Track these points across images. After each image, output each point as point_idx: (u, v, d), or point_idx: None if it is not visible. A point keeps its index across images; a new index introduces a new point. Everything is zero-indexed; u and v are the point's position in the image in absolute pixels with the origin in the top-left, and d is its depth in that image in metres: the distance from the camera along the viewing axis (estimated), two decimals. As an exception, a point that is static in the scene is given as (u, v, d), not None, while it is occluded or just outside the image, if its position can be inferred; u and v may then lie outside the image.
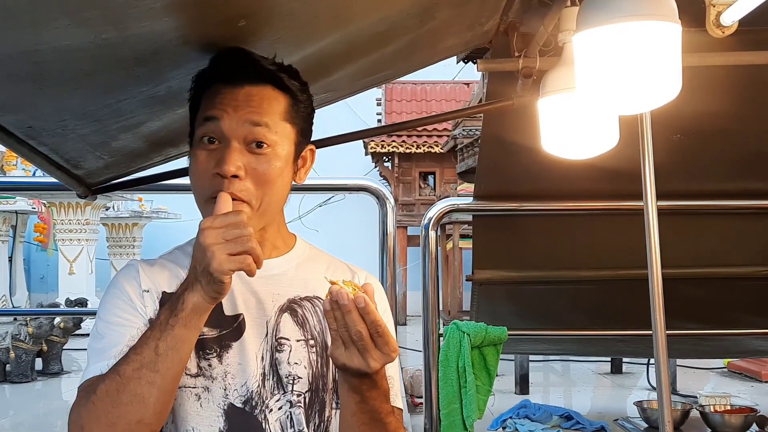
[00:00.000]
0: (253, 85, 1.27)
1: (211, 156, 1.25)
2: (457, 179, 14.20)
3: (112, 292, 1.34)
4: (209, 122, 1.25)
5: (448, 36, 1.87)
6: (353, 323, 1.11)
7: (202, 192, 1.27)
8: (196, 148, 1.28)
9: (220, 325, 1.31)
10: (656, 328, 1.98)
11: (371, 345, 1.11)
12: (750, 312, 3.40)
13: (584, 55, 1.10)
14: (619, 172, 2.70)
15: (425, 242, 2.87)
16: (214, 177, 1.24)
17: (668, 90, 1.04)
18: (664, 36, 1.03)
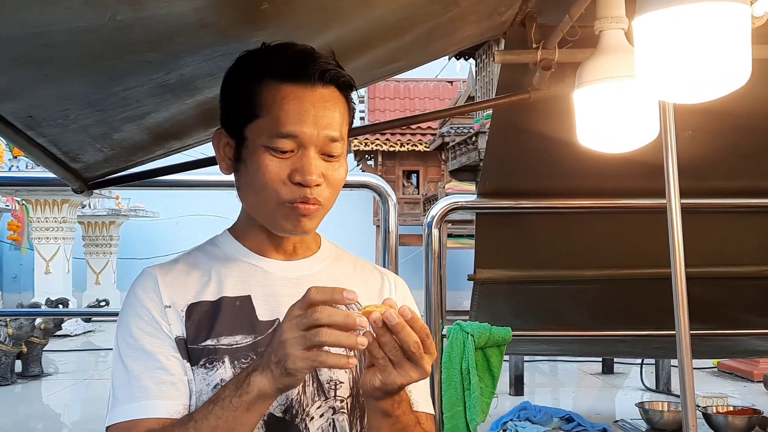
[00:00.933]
0: (324, 86, 1.22)
1: (285, 163, 1.21)
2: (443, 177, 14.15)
3: (133, 311, 1.25)
4: (288, 139, 1.20)
5: (466, 25, 1.80)
6: (408, 336, 1.06)
7: (272, 198, 1.22)
8: (264, 154, 1.21)
9: (255, 330, 1.24)
10: (680, 329, 1.92)
11: (422, 352, 1.07)
12: (752, 312, 3.36)
13: (646, 40, 1.03)
14: (629, 168, 2.65)
15: (428, 241, 2.80)
16: (288, 184, 1.21)
17: (737, 76, 0.97)
18: (732, 18, 0.96)
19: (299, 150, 1.21)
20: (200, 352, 1.21)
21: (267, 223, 1.27)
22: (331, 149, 1.22)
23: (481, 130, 7.91)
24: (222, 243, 1.33)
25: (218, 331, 1.23)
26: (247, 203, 1.29)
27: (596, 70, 1.41)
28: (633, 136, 1.48)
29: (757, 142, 2.70)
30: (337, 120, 1.22)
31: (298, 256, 1.33)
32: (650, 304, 3.31)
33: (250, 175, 1.24)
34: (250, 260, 1.30)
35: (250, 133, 1.23)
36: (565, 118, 2.40)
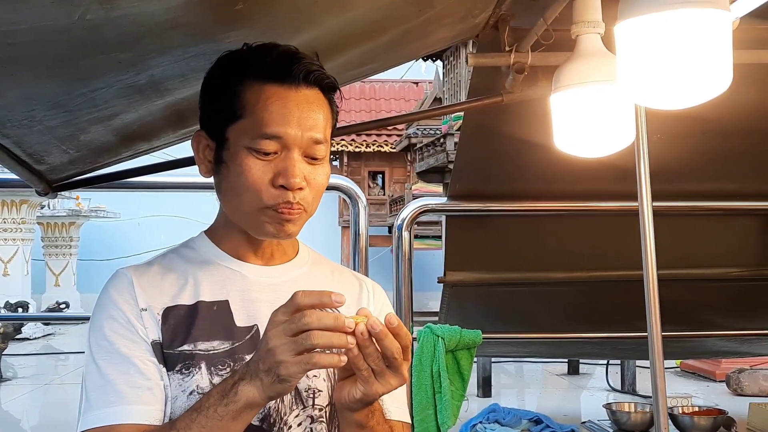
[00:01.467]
0: (308, 87, 1.20)
1: (268, 166, 1.18)
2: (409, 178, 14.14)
3: (107, 313, 1.20)
4: (272, 140, 1.17)
5: (440, 28, 1.79)
6: (392, 344, 1.05)
7: (254, 201, 1.19)
8: (246, 156, 1.18)
9: (232, 337, 1.21)
10: (652, 331, 1.93)
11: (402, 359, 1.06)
12: (717, 313, 3.41)
13: (627, 45, 1.02)
14: (598, 172, 2.66)
15: (399, 243, 2.78)
16: (271, 187, 1.18)
17: (718, 82, 0.97)
18: (713, 24, 0.96)
19: (283, 152, 1.18)
20: (176, 357, 1.18)
21: (248, 226, 1.23)
22: (314, 152, 1.20)
23: (449, 131, 7.92)
24: (198, 246, 1.30)
25: (195, 336, 1.19)
26: (228, 206, 1.25)
27: (573, 74, 1.40)
28: (610, 141, 1.47)
29: (725, 146, 2.73)
30: (321, 122, 1.20)
31: (276, 261, 1.29)
32: (618, 305, 3.33)
33: (231, 178, 1.20)
34: (227, 264, 1.26)
35: (231, 135, 1.20)
36: (536, 122, 2.41)
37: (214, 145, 1.23)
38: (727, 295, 3.31)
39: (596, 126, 1.39)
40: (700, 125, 2.58)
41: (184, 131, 1.85)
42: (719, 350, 4.16)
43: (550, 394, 5.81)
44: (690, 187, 2.95)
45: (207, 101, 1.26)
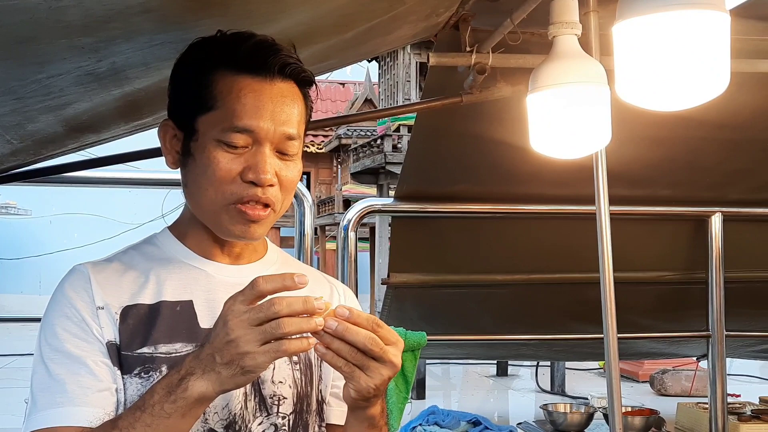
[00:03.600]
0: (283, 80, 1.15)
1: (238, 160, 1.12)
2: (335, 179, 14.10)
3: (60, 311, 1.13)
4: (243, 134, 1.12)
5: (404, 25, 1.76)
6: (357, 335, 1.00)
7: (220, 197, 1.13)
8: (215, 148, 1.12)
9: (196, 339, 1.14)
10: (607, 332, 1.95)
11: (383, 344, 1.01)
12: (650, 315, 3.49)
13: (626, 46, 1.02)
14: (540, 175, 2.69)
15: (344, 244, 2.75)
16: (239, 182, 1.12)
17: (716, 84, 0.98)
18: (711, 26, 0.96)
19: (253, 146, 1.13)
20: (135, 359, 1.12)
21: (213, 225, 1.18)
22: (287, 147, 1.15)
23: (387, 132, 7.92)
24: (161, 242, 1.23)
25: (156, 337, 1.13)
26: (193, 201, 1.19)
27: (550, 75, 1.40)
28: (586, 142, 1.48)
29: (661, 153, 2.79)
30: (295, 117, 1.15)
31: (244, 260, 1.24)
32: (554, 307, 3.39)
33: (198, 170, 1.14)
34: (192, 262, 1.20)
35: (201, 126, 1.14)
36: (487, 123, 2.42)
37: (182, 135, 1.17)
38: (658, 297, 3.39)
39: (573, 127, 1.40)
40: (639, 131, 2.63)
41: (136, 123, 1.77)
42: (648, 352, 4.27)
43: (481, 396, 5.86)
44: (625, 192, 3.01)
45: (176, 89, 1.20)
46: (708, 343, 3.12)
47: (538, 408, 3.59)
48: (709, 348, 3.12)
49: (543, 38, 1.93)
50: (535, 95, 1.44)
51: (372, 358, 1.01)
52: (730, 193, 2.90)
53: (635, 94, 1.03)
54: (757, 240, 3.13)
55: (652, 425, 3.33)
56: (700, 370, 5.17)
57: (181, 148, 1.18)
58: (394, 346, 1.02)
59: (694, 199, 3.02)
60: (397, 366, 1.03)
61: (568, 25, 1.39)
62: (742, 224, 3.07)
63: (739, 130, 2.47)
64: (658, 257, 3.26)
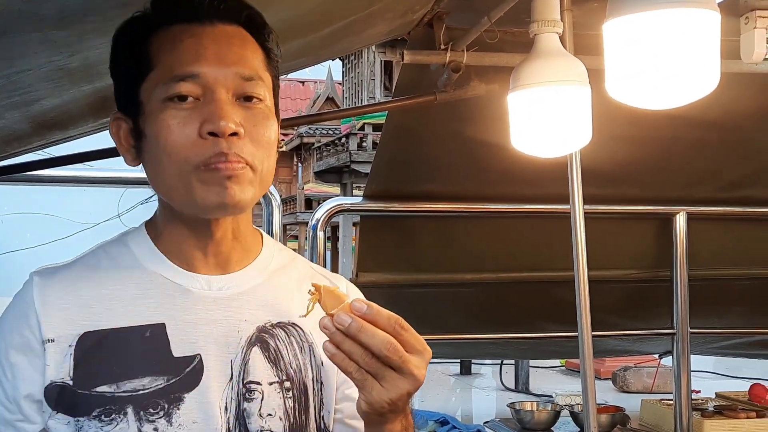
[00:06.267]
0: (225, 23, 0.98)
1: (191, 117, 0.94)
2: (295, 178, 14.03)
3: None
4: (187, 81, 0.94)
5: (380, 22, 1.75)
6: (373, 337, 0.84)
7: (182, 163, 0.94)
8: (163, 111, 0.95)
9: (168, 370, 0.96)
10: (582, 331, 1.96)
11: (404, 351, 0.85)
12: (615, 314, 3.52)
13: (616, 44, 1.01)
14: (508, 175, 2.69)
15: (313, 243, 2.73)
16: (199, 141, 0.93)
17: (705, 83, 0.98)
18: (702, 24, 0.96)
19: (206, 96, 0.95)
20: (94, 400, 0.94)
21: (187, 204, 0.97)
22: (246, 89, 0.96)
23: (351, 131, 7.89)
24: (135, 244, 1.04)
25: (118, 372, 0.95)
26: (161, 187, 1.00)
27: (531, 73, 1.40)
28: (567, 141, 1.48)
29: (629, 153, 2.81)
30: (248, 57, 0.98)
31: (233, 266, 1.04)
32: (522, 306, 3.40)
33: (153, 146, 0.97)
34: (169, 275, 1.01)
35: (144, 94, 0.97)
36: (458, 122, 2.41)
37: (131, 122, 1.00)
38: (624, 296, 3.42)
39: (554, 126, 1.39)
40: (609, 130, 2.65)
41: (105, 120, 1.73)
42: (613, 349, 4.31)
43: (444, 395, 5.88)
44: (594, 191, 3.03)
45: (116, 69, 1.03)
46: (673, 340, 3.16)
47: (503, 406, 3.60)
48: (674, 345, 3.16)
49: (517, 37, 1.93)
50: (517, 93, 1.44)
51: (389, 366, 0.85)
52: (697, 193, 2.94)
53: (626, 92, 1.03)
54: (721, 238, 3.18)
55: (618, 422, 3.36)
56: (662, 367, 5.25)
57: (134, 136, 1.00)
58: (418, 355, 0.87)
59: (663, 199, 3.05)
60: (419, 380, 0.86)
61: (550, 23, 1.39)
62: (707, 223, 3.11)
63: (708, 130, 2.50)
64: (625, 256, 3.29)
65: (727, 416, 3.28)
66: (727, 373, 6.61)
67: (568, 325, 3.39)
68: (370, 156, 8.10)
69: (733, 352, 4.36)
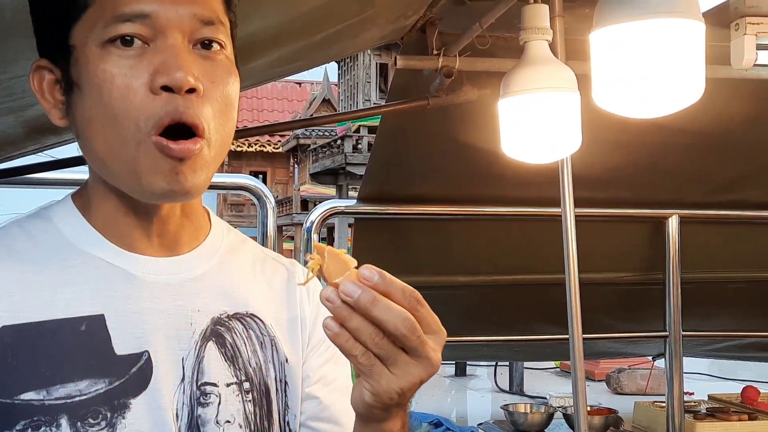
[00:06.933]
0: None
1: (138, 66, 0.77)
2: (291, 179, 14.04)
3: None
4: (134, 22, 0.77)
5: (372, 27, 1.76)
6: (388, 312, 0.69)
7: (129, 129, 0.77)
8: (102, 57, 0.77)
9: (109, 372, 0.80)
10: (573, 333, 1.97)
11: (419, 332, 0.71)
12: (609, 316, 3.54)
13: (602, 53, 1.03)
14: (501, 178, 2.71)
15: (308, 246, 2.73)
16: (149, 97, 0.76)
17: (691, 92, 0.99)
18: (687, 34, 0.98)
19: (157, 40, 0.78)
20: (19, 410, 0.77)
21: (128, 184, 0.81)
22: (206, 33, 0.80)
23: (347, 133, 7.91)
24: (60, 218, 0.86)
25: (48, 375, 0.78)
26: (93, 154, 0.82)
27: (521, 80, 1.41)
28: (557, 147, 1.49)
29: (624, 157, 2.83)
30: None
31: (182, 248, 0.88)
32: (517, 308, 3.42)
33: (87, 102, 0.79)
34: (105, 255, 0.84)
35: (77, 37, 0.79)
36: (451, 125, 2.43)
37: (59, 72, 0.83)
38: (618, 298, 3.44)
39: (544, 132, 1.41)
40: (601, 135, 2.67)
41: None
42: (606, 351, 4.33)
43: (439, 396, 5.89)
44: (586, 194, 3.05)
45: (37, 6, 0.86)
46: (665, 342, 3.18)
47: (497, 408, 3.62)
48: (666, 347, 3.18)
49: (509, 42, 1.95)
50: (507, 100, 1.45)
51: (402, 349, 0.71)
52: (688, 196, 2.95)
53: (612, 101, 1.04)
54: (713, 241, 3.19)
55: (611, 424, 3.38)
56: (655, 368, 5.27)
57: (63, 89, 0.83)
58: (435, 336, 0.73)
59: (654, 201, 3.07)
60: (435, 365, 0.72)
61: (540, 31, 1.40)
62: (699, 226, 3.13)
63: (697, 135, 2.52)
64: (618, 258, 3.31)
65: (720, 419, 3.30)
66: (721, 375, 6.64)
67: (562, 326, 3.41)
68: (366, 158, 8.15)
69: (725, 355, 4.37)
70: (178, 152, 0.77)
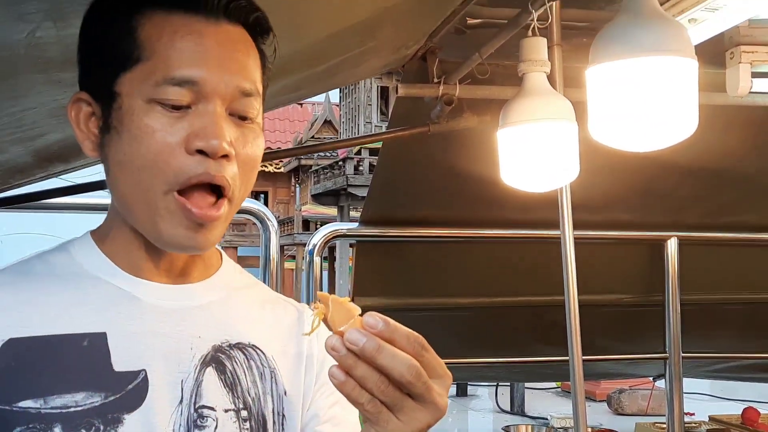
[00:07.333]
0: (230, 23, 0.86)
1: (178, 125, 0.82)
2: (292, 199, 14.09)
3: None
4: (183, 87, 0.82)
5: (374, 58, 1.80)
6: (393, 360, 0.70)
7: (159, 180, 0.83)
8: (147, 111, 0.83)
9: (106, 386, 0.84)
10: (573, 355, 1.99)
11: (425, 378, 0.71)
12: (609, 337, 3.55)
13: (598, 89, 1.06)
14: (502, 201, 2.74)
15: (310, 268, 2.76)
16: (183, 154, 0.82)
17: (684, 127, 1.02)
18: (680, 72, 1.01)
19: (199, 104, 0.83)
20: (17, 417, 0.81)
21: (147, 229, 0.87)
22: (244, 107, 0.85)
23: (348, 155, 7.97)
24: (77, 250, 0.92)
25: (47, 385, 0.83)
26: (119, 194, 0.87)
27: (520, 111, 1.45)
28: (555, 176, 1.52)
29: (622, 181, 2.86)
30: (250, 67, 0.87)
31: (190, 278, 0.93)
32: (517, 330, 3.44)
33: (124, 147, 0.84)
34: (114, 280, 0.89)
35: (125, 86, 0.84)
36: (451, 151, 2.46)
37: (99, 109, 0.87)
38: (618, 319, 3.46)
39: (542, 161, 1.44)
40: (598, 160, 2.70)
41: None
42: (607, 372, 4.35)
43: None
44: (585, 217, 3.08)
45: (88, 47, 0.90)
46: (665, 364, 3.19)
47: (498, 429, 3.62)
48: (666, 369, 3.20)
49: (508, 69, 1.98)
50: (506, 130, 1.49)
51: (409, 395, 0.72)
52: (686, 218, 2.98)
53: (607, 135, 1.07)
54: (712, 263, 3.22)
55: (612, 445, 3.38)
56: (656, 389, 5.27)
57: (100, 126, 0.87)
58: (440, 380, 0.73)
59: (652, 224, 3.10)
60: (442, 410, 0.73)
61: (538, 63, 1.44)
62: (698, 248, 3.15)
63: (694, 161, 2.55)
64: (617, 280, 3.34)
65: (720, 439, 3.31)
66: (723, 395, 6.63)
67: (562, 347, 3.43)
68: (367, 179, 8.20)
69: (726, 375, 4.38)
70: (201, 217, 0.83)
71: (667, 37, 1.01)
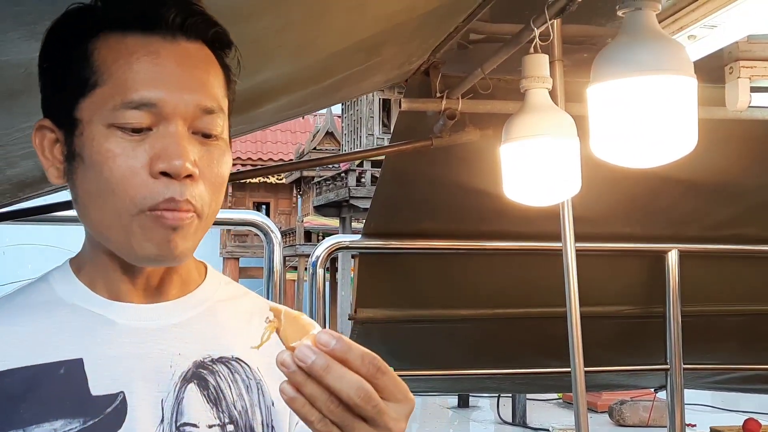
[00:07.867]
0: (189, 40, 0.84)
1: (141, 148, 0.81)
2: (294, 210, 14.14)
3: None
4: (141, 110, 0.81)
5: (378, 73, 1.83)
6: (341, 380, 0.68)
7: (124, 203, 0.82)
8: (107, 137, 0.82)
9: (84, 411, 0.84)
10: (575, 367, 2.01)
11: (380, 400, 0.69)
12: (610, 349, 3.57)
13: (599, 107, 1.08)
14: (503, 213, 2.76)
15: (313, 280, 2.78)
16: (146, 178, 0.81)
17: (684, 144, 1.05)
18: (680, 90, 1.03)
19: (160, 126, 0.82)
20: None
21: (121, 250, 0.86)
22: (207, 125, 0.84)
23: (350, 167, 8.00)
24: (56, 280, 0.92)
25: (26, 417, 0.83)
26: (89, 220, 0.87)
27: (522, 127, 1.47)
28: (557, 191, 1.54)
29: (625, 192, 2.89)
30: (211, 84, 0.85)
31: (167, 296, 0.92)
32: (518, 341, 3.45)
33: (89, 174, 0.83)
34: (89, 305, 0.89)
35: (84, 112, 0.83)
36: (453, 164, 2.49)
37: (62, 135, 0.87)
38: (619, 331, 3.47)
39: (544, 176, 1.46)
40: (600, 173, 2.72)
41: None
42: (608, 383, 4.36)
43: (441, 428, 5.90)
44: (587, 229, 3.10)
45: (47, 73, 0.89)
46: (666, 375, 3.21)
47: (502, 441, 3.63)
48: (668, 380, 3.21)
49: (510, 84, 2.01)
50: (509, 145, 1.51)
51: (360, 417, 0.69)
52: (687, 231, 3.00)
53: (609, 151, 1.10)
54: (713, 275, 3.24)
55: (613, 457, 3.38)
56: (658, 400, 5.27)
57: (64, 153, 0.86)
58: (397, 405, 0.71)
59: (654, 237, 3.12)
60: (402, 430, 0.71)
61: (540, 80, 1.46)
62: (698, 260, 3.17)
63: (695, 174, 2.58)
64: (618, 292, 3.35)
65: (721, 451, 3.31)
66: (724, 407, 6.63)
67: (564, 359, 3.45)
68: (369, 191, 8.22)
69: (726, 387, 4.39)
70: (173, 221, 0.81)
71: (667, 57, 1.03)
